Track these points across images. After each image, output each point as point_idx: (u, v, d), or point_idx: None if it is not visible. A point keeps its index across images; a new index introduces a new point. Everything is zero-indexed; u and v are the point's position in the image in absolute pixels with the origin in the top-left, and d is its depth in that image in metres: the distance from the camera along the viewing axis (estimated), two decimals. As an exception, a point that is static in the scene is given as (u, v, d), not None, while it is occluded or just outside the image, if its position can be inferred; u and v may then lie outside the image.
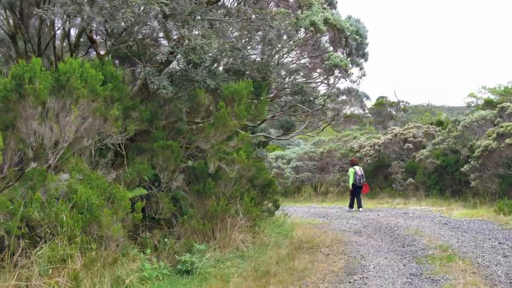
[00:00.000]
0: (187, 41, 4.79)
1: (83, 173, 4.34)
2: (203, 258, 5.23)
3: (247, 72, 5.80)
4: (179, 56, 5.01)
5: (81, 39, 6.91)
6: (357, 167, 13.32)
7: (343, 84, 8.63)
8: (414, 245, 6.92)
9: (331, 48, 7.71)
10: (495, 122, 13.07)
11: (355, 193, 13.23)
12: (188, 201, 5.68)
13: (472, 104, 19.57)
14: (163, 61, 5.15)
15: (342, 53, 7.33)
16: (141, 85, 5.50)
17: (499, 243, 6.87)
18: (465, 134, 14.17)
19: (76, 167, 4.36)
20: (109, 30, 5.53)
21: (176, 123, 6.15)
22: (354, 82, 8.09)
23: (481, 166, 12.67)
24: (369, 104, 26.79)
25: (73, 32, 6.92)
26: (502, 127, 12.28)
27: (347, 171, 18.96)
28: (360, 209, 13.06)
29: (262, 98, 5.79)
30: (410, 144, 16.90)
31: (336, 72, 7.12)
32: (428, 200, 14.42)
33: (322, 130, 9.33)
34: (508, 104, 13.18)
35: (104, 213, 4.18)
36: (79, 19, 4.92)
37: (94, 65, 4.83)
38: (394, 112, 27.18)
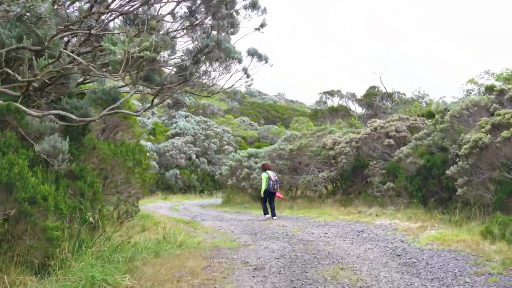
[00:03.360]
0: None
1: None
2: None
3: None
4: None
5: None
6: (270, 172, 12.26)
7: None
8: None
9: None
10: (491, 110, 9.86)
11: (269, 200, 11.98)
12: None
13: (473, 92, 16.28)
14: None
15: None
16: None
17: (457, 309, 3.84)
18: (455, 127, 10.95)
19: None
20: None
21: None
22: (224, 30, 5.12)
23: (472, 167, 9.48)
24: (359, 94, 23.56)
25: None
26: (499, 115, 9.08)
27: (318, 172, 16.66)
28: (274, 217, 11.69)
29: None
30: (391, 140, 13.73)
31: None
32: (407, 210, 11.24)
33: (152, 103, 5.82)
34: (509, 86, 9.95)
35: None
36: None
37: None
38: (387, 103, 23.75)
